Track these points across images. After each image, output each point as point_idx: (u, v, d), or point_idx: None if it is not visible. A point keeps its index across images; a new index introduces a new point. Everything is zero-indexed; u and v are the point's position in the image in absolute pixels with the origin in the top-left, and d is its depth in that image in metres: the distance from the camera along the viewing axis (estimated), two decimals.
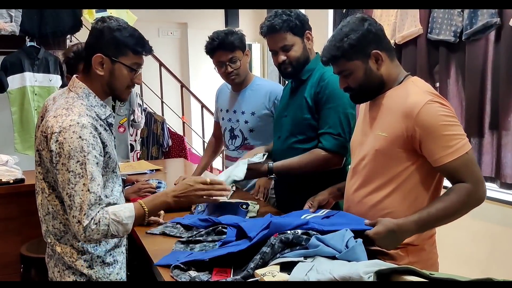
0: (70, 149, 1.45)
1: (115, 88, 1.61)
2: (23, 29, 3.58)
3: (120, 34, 1.55)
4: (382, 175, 1.58)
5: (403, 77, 1.61)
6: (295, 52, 2.03)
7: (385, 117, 1.58)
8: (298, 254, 1.37)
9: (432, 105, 1.47)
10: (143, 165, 3.34)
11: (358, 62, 1.57)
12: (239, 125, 2.53)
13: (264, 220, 1.60)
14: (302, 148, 2.04)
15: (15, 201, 2.90)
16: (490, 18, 2.82)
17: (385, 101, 1.60)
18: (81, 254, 1.60)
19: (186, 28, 6.43)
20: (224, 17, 6.29)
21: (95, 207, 1.46)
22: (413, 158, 1.53)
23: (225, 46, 2.36)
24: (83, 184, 1.45)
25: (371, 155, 1.61)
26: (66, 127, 1.46)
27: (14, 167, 3.01)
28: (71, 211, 1.46)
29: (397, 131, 1.52)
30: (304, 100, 2.05)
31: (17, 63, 3.62)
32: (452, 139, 1.46)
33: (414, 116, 1.48)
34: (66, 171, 1.46)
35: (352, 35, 1.54)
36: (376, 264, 1.23)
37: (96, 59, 1.55)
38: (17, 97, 3.65)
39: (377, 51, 1.56)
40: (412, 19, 3.34)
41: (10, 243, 2.86)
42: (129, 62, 1.58)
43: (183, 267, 1.50)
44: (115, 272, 1.67)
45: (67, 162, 1.45)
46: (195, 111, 6.14)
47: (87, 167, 1.46)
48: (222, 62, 2.41)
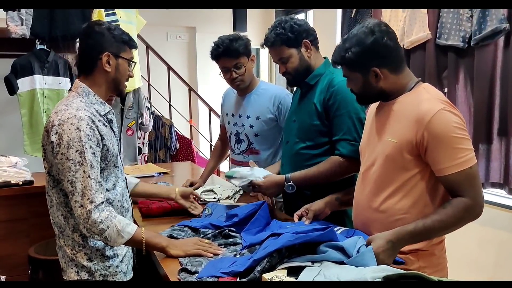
0: (69, 140, 1.57)
1: (120, 81, 1.76)
2: (34, 32, 3.61)
3: (117, 33, 1.72)
4: (392, 181, 1.58)
5: (414, 84, 1.60)
6: (292, 63, 2.07)
7: (396, 123, 1.58)
8: (306, 259, 1.37)
9: (445, 114, 1.47)
10: (151, 168, 3.36)
11: (357, 74, 1.60)
12: (244, 130, 2.54)
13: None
14: (310, 154, 2.04)
15: (24, 202, 2.93)
16: (499, 23, 2.81)
17: (395, 107, 1.60)
18: (82, 247, 1.68)
19: (195, 32, 6.46)
20: (232, 21, 6.30)
21: (98, 194, 1.57)
22: (422, 165, 1.53)
23: (230, 52, 2.39)
24: (83, 171, 1.56)
25: (381, 161, 1.60)
26: (65, 120, 1.59)
27: (23, 169, 3.04)
28: (73, 196, 1.57)
29: (407, 137, 1.52)
30: (313, 106, 2.04)
31: (27, 66, 3.65)
32: (458, 152, 1.46)
33: (425, 122, 1.47)
34: (66, 160, 1.57)
35: (355, 48, 1.55)
36: (384, 269, 1.23)
37: (104, 57, 1.68)
38: (26, 99, 3.68)
39: (376, 68, 1.56)
40: (421, 24, 3.34)
41: (19, 245, 2.88)
42: (128, 57, 1.75)
43: (190, 270, 1.51)
44: (115, 265, 1.73)
45: (67, 152, 1.56)
46: (203, 115, 6.16)
47: (86, 155, 1.57)
48: (227, 68, 2.44)
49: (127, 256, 1.79)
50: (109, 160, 1.69)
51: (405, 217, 1.55)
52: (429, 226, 1.47)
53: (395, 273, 1.20)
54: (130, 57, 1.77)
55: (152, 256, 1.76)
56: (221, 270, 1.44)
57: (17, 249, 2.87)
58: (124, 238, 1.61)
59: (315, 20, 4.99)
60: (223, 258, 1.59)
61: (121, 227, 1.59)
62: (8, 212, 2.92)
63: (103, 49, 1.69)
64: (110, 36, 1.70)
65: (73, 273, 1.70)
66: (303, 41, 2.06)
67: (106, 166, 1.69)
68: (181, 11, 6.11)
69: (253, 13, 6.39)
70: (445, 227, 1.48)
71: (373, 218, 1.62)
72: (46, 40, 3.72)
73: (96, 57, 1.69)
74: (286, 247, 1.40)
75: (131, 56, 1.78)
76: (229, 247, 1.74)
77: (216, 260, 1.58)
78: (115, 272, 1.72)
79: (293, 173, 2.03)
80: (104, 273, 1.70)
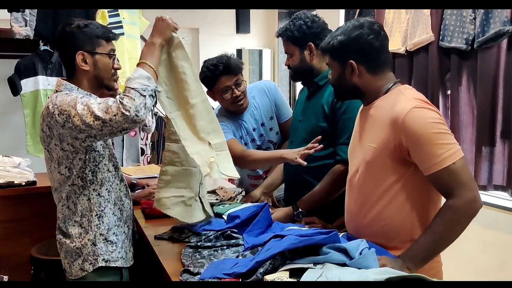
0: (61, 103, 1.60)
1: (102, 77, 1.75)
2: (37, 33, 3.62)
3: (89, 29, 1.71)
4: (376, 187, 1.56)
5: (390, 86, 1.58)
6: (293, 61, 2.10)
7: (373, 127, 1.56)
8: (308, 260, 1.37)
9: (417, 111, 1.44)
10: (153, 169, 3.36)
11: (336, 63, 1.62)
12: (265, 138, 2.47)
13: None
14: (314, 156, 2.02)
15: (27, 203, 2.94)
16: (502, 26, 2.81)
17: (372, 111, 1.59)
18: (85, 233, 1.71)
19: (198, 33, 6.46)
20: (235, 23, 6.31)
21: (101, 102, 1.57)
22: (404, 168, 1.50)
23: (230, 69, 2.27)
24: (78, 102, 1.58)
25: (363, 167, 1.59)
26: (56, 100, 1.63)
27: (26, 169, 3.05)
28: (81, 124, 1.56)
29: (385, 141, 1.50)
30: (320, 108, 2.04)
31: (31, 67, 3.66)
32: (439, 148, 1.41)
33: (399, 123, 1.45)
34: (59, 114, 1.59)
35: (339, 37, 1.57)
36: (386, 272, 1.23)
37: (78, 57, 1.69)
38: (30, 100, 3.68)
39: (353, 62, 1.56)
40: (424, 26, 3.34)
41: (22, 245, 2.89)
42: (106, 50, 1.74)
43: (192, 271, 1.51)
44: (117, 250, 1.76)
45: (60, 113, 1.59)
46: None
47: (77, 102, 1.58)
48: (227, 87, 2.29)
49: (125, 243, 1.81)
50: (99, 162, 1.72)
51: (391, 222, 1.55)
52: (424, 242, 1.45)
53: (398, 275, 1.19)
54: (108, 51, 1.74)
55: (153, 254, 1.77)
56: (224, 271, 1.44)
57: (19, 249, 2.87)
58: (152, 79, 1.61)
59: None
60: (226, 260, 1.59)
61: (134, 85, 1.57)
62: (11, 212, 2.93)
63: (76, 48, 1.69)
64: (80, 34, 1.69)
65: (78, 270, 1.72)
66: (308, 44, 2.06)
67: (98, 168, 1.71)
68: (184, 13, 6.12)
69: (256, 15, 6.39)
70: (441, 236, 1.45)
71: (363, 225, 1.62)
72: (49, 41, 3.73)
73: (72, 58, 1.69)
74: (289, 250, 1.40)
75: (109, 49, 1.75)
76: (231, 248, 1.74)
77: (219, 262, 1.58)
78: (117, 258, 1.76)
79: (299, 200, 2.02)
80: (107, 258, 1.73)
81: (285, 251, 1.39)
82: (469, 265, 3.22)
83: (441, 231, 1.44)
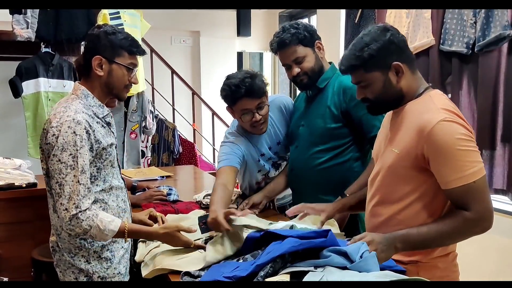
0: (64, 142, 1.58)
1: (113, 87, 1.73)
2: (39, 36, 3.63)
3: (115, 37, 1.70)
4: (393, 193, 1.55)
5: (423, 90, 1.55)
6: (309, 62, 2.02)
7: (400, 132, 1.53)
8: (309, 263, 1.37)
9: (445, 125, 1.40)
10: (154, 172, 3.37)
11: (377, 73, 1.50)
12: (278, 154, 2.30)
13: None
14: (326, 158, 2.02)
15: (28, 205, 2.94)
16: (503, 30, 2.82)
17: (402, 115, 1.54)
18: (79, 250, 1.70)
19: (199, 36, 6.48)
20: (236, 26, 6.32)
21: (85, 200, 1.57)
22: (423, 178, 1.48)
23: (253, 92, 2.04)
24: (74, 175, 1.57)
25: (384, 171, 1.57)
26: (63, 122, 1.60)
27: (27, 171, 3.05)
28: (59, 199, 1.57)
29: (408, 148, 1.47)
30: (327, 110, 2.02)
31: (32, 69, 3.67)
32: (462, 166, 1.38)
33: (425, 134, 1.41)
34: (58, 162, 1.58)
35: (373, 45, 1.47)
36: (387, 275, 1.24)
37: (95, 60, 1.68)
38: (31, 102, 3.70)
39: (398, 63, 1.49)
40: (424, 30, 3.34)
41: (23, 247, 2.89)
42: (125, 62, 1.71)
43: (193, 273, 1.51)
44: (113, 266, 1.74)
45: (60, 154, 1.58)
46: (206, 119, 6.17)
47: (79, 160, 1.57)
48: (248, 110, 2.08)
49: (124, 257, 1.80)
50: (104, 159, 1.69)
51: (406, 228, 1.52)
52: (424, 232, 1.45)
53: (398, 278, 1.20)
54: (128, 63, 1.71)
55: None
56: (224, 274, 1.44)
57: (21, 251, 2.87)
58: (109, 236, 1.62)
59: (319, 25, 5.00)
60: (226, 263, 1.59)
61: (103, 226, 1.59)
62: (12, 214, 2.93)
63: (95, 52, 1.68)
64: (105, 40, 1.68)
65: (73, 279, 1.71)
66: (316, 42, 2.05)
67: (103, 165, 1.69)
68: (185, 16, 6.14)
69: (256, 18, 6.41)
70: (441, 236, 1.45)
71: (376, 225, 1.62)
72: (51, 43, 3.74)
73: (89, 60, 1.69)
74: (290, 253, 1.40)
75: (129, 62, 1.72)
76: None
77: (219, 265, 1.58)
78: (113, 274, 1.74)
79: (347, 189, 1.93)
80: (102, 275, 1.72)
81: (285, 254, 1.39)
82: (469, 269, 3.22)
83: (444, 233, 1.45)
